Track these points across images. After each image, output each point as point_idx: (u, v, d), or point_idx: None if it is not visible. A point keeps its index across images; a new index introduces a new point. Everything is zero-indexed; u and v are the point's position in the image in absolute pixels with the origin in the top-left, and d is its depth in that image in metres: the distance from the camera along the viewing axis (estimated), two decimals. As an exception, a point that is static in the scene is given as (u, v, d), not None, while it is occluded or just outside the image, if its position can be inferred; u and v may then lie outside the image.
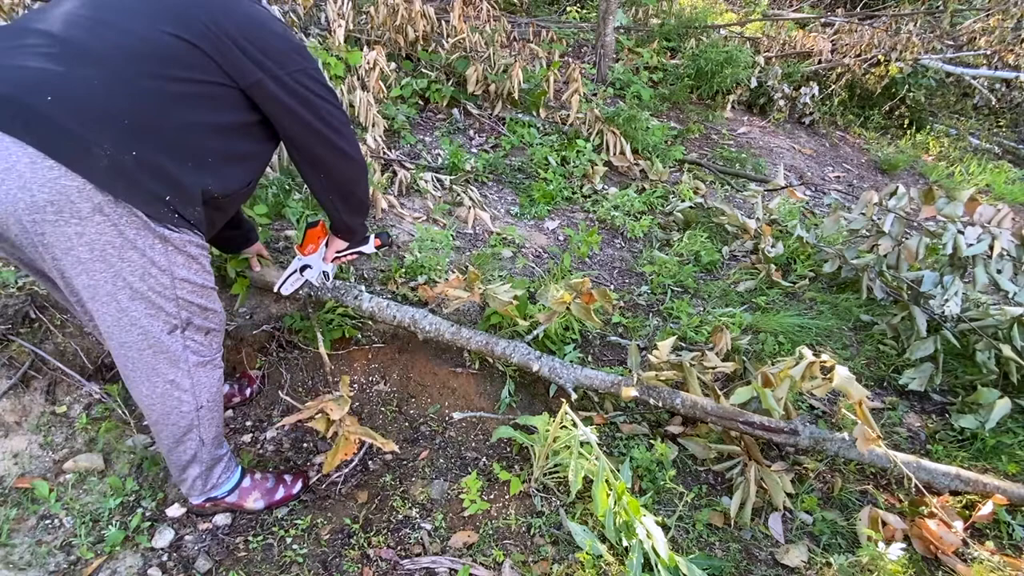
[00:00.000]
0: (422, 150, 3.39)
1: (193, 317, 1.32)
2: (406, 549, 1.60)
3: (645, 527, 1.54)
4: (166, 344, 1.29)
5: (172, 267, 1.22)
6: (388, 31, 3.71)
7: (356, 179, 1.53)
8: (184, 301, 1.28)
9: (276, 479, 1.67)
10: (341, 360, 2.14)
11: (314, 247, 1.85)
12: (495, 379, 2.15)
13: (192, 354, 1.35)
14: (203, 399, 1.41)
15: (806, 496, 1.85)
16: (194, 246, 1.25)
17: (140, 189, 1.12)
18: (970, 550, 1.71)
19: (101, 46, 1.10)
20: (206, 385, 1.40)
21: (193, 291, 1.29)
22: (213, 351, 1.41)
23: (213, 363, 1.42)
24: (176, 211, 1.18)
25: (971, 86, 5.44)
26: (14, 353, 1.81)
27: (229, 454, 1.58)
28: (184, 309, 1.29)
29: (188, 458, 1.47)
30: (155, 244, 1.17)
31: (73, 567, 1.46)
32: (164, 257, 1.20)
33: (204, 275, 1.31)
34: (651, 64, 4.83)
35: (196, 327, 1.34)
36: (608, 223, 3.21)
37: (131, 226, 1.13)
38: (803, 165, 4.41)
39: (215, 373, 1.43)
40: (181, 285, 1.25)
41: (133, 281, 1.19)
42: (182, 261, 1.23)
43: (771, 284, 2.83)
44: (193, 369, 1.36)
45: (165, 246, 1.19)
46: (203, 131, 1.21)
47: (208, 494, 1.56)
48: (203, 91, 1.19)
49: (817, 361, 1.75)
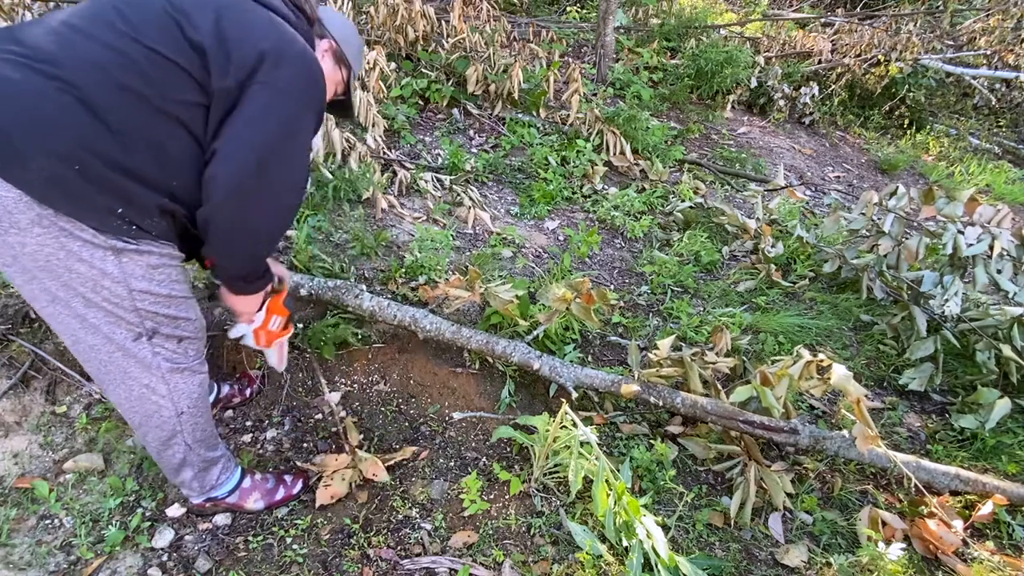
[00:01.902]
0: (422, 150, 3.39)
1: (159, 327, 1.25)
2: (406, 549, 1.60)
3: (645, 527, 1.54)
4: (133, 350, 1.24)
5: (127, 279, 1.16)
6: (388, 31, 3.71)
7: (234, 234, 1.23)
8: (146, 312, 1.21)
9: (276, 479, 1.67)
10: (341, 360, 2.14)
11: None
12: (495, 379, 2.15)
13: (164, 360, 1.29)
14: (183, 405, 1.35)
15: (806, 496, 1.85)
16: (156, 256, 1.18)
17: (85, 203, 1.07)
18: (970, 550, 1.71)
19: (66, 56, 1.05)
20: (184, 391, 1.35)
21: (156, 302, 1.22)
22: (190, 358, 1.34)
23: (190, 369, 1.35)
24: (132, 223, 1.12)
25: (971, 86, 5.44)
26: (14, 353, 1.81)
27: (226, 455, 1.57)
28: (147, 319, 1.22)
29: (178, 462, 1.45)
30: (106, 256, 1.12)
31: (73, 567, 1.46)
32: (117, 268, 1.14)
33: (170, 285, 1.23)
34: (651, 64, 4.83)
35: (165, 335, 1.27)
36: (608, 223, 3.21)
37: (75, 239, 1.08)
38: (803, 165, 4.41)
39: (194, 379, 1.36)
40: (140, 296, 1.19)
41: (84, 292, 1.14)
42: (140, 273, 1.17)
43: (771, 284, 2.83)
44: (168, 375, 1.30)
45: (118, 257, 1.13)
46: (161, 146, 1.13)
47: (208, 494, 1.56)
48: (169, 107, 1.11)
49: (815, 360, 1.76)
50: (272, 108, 1.17)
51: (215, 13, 1.15)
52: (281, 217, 1.29)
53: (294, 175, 1.25)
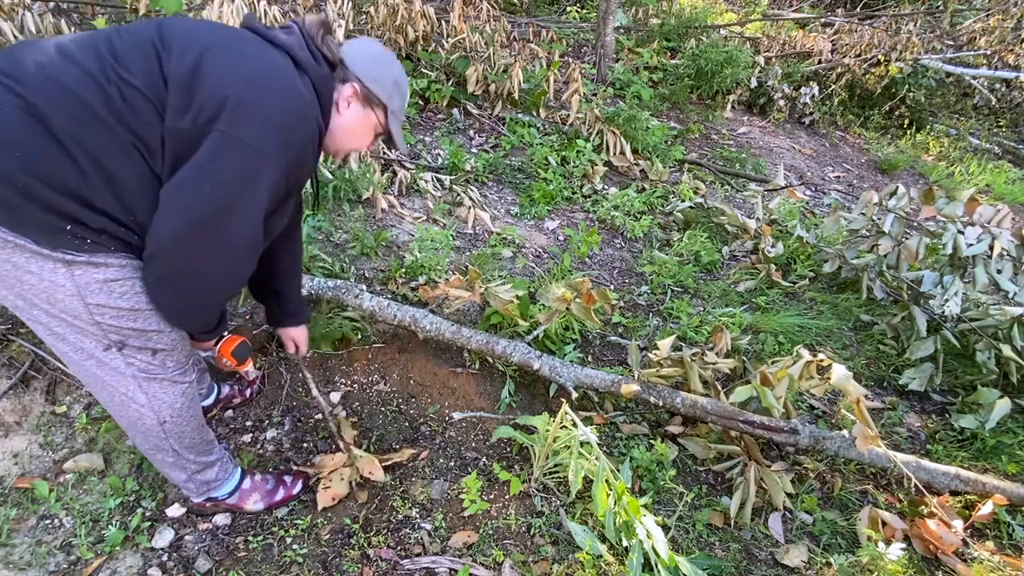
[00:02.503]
0: (422, 150, 3.39)
1: (127, 339, 1.19)
2: (406, 549, 1.60)
3: (645, 527, 1.54)
4: (105, 360, 1.20)
5: (82, 292, 1.10)
6: (388, 31, 3.71)
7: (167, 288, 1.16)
8: (108, 326, 1.16)
9: (276, 480, 1.67)
10: (341, 360, 2.14)
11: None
12: (495, 379, 2.15)
13: (138, 371, 1.24)
14: (164, 415, 1.32)
15: (806, 496, 1.85)
16: (114, 269, 1.11)
17: (29, 221, 1.03)
18: (970, 550, 1.71)
19: (41, 77, 1.02)
20: (165, 401, 1.30)
21: (119, 316, 1.15)
22: (168, 369, 1.28)
23: (169, 380, 1.29)
24: (84, 238, 1.07)
25: (971, 86, 5.44)
26: (14, 353, 1.81)
27: (224, 457, 1.57)
28: (111, 332, 1.17)
29: (169, 465, 1.45)
30: (57, 268, 1.07)
31: (73, 567, 1.46)
32: (70, 281, 1.09)
33: (134, 298, 1.15)
34: (651, 64, 4.83)
35: (136, 347, 1.21)
36: (608, 223, 3.21)
37: (21, 253, 1.05)
38: (803, 165, 4.41)
39: (175, 389, 1.31)
40: (98, 311, 1.13)
41: (41, 304, 1.11)
42: (96, 287, 1.10)
43: (771, 284, 2.83)
44: (144, 384, 1.26)
45: (70, 269, 1.08)
46: (118, 176, 1.07)
47: (207, 494, 1.56)
48: (132, 139, 1.06)
49: (815, 360, 1.76)
50: (225, 161, 1.07)
51: (201, 49, 1.09)
52: (223, 278, 1.19)
53: (244, 234, 1.13)
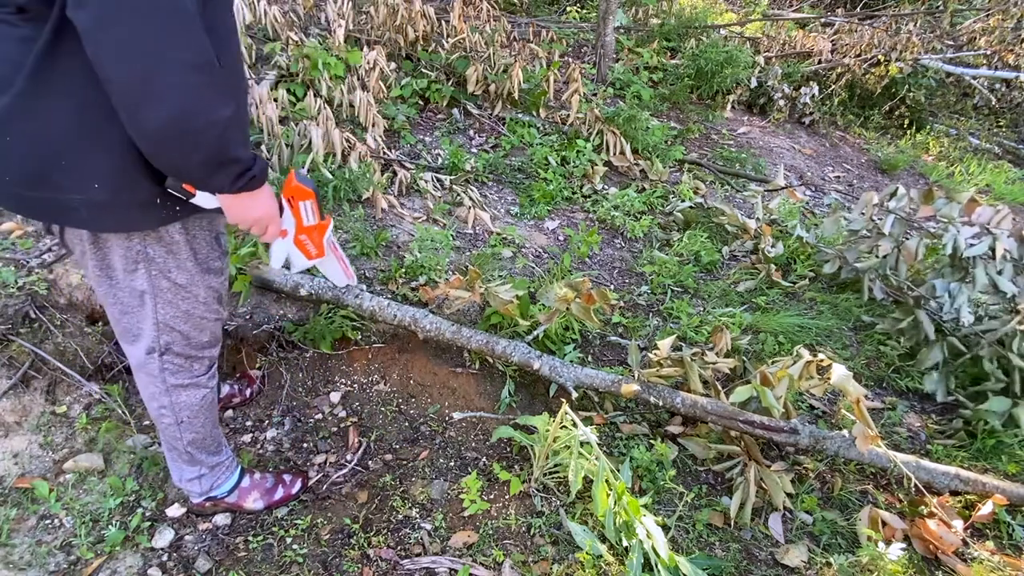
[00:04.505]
0: (422, 150, 3.39)
1: (173, 343, 1.27)
2: (406, 549, 1.60)
3: (645, 527, 1.54)
4: (144, 362, 1.29)
5: (155, 292, 1.17)
6: (388, 31, 3.71)
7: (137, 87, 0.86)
8: (164, 326, 1.23)
9: (275, 479, 1.68)
10: (341, 360, 2.14)
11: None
12: (495, 379, 2.15)
13: (170, 375, 1.32)
14: (182, 416, 1.39)
15: (806, 496, 1.85)
16: (182, 260, 1.16)
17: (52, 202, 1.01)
18: (970, 550, 1.71)
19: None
20: (185, 404, 1.37)
21: (176, 317, 1.23)
22: (195, 374, 1.36)
23: (195, 384, 1.37)
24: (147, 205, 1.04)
25: (971, 86, 5.44)
26: (14, 353, 1.80)
27: (229, 458, 1.58)
28: (164, 334, 1.24)
29: (182, 462, 1.49)
30: (137, 269, 1.13)
31: (73, 567, 1.46)
32: (147, 282, 1.16)
33: (191, 303, 1.22)
34: (651, 64, 4.82)
35: (176, 353, 1.29)
36: (608, 223, 3.21)
37: (105, 257, 1.12)
38: (803, 165, 4.41)
39: (198, 393, 1.38)
40: (164, 309, 1.21)
41: (122, 297, 1.18)
42: (167, 285, 1.18)
43: (771, 284, 2.83)
44: (173, 390, 1.34)
45: (148, 269, 1.14)
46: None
47: (207, 494, 1.56)
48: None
49: (815, 360, 1.76)
50: None
51: None
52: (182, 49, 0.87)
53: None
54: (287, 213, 1.22)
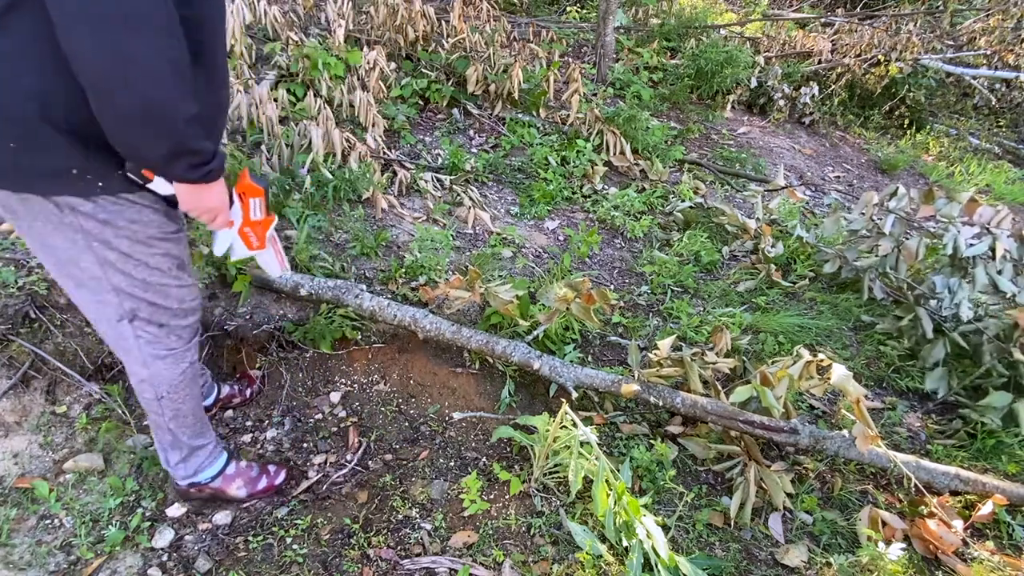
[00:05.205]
0: (422, 150, 3.39)
1: (139, 310, 1.25)
2: (406, 549, 1.60)
3: (645, 527, 1.54)
4: (119, 331, 1.27)
5: (101, 262, 1.16)
6: (388, 31, 3.71)
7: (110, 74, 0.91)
8: (125, 293, 1.21)
9: (260, 469, 1.68)
10: (341, 360, 2.14)
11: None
12: (495, 379, 2.15)
13: (145, 344, 1.30)
14: (162, 390, 1.38)
15: (806, 496, 1.85)
16: (129, 233, 1.14)
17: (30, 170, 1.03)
18: (970, 550, 1.71)
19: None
20: (165, 378, 1.36)
21: (133, 285, 1.21)
22: (171, 346, 1.34)
23: (172, 358, 1.35)
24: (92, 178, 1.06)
25: (971, 86, 5.44)
26: (14, 353, 1.80)
27: (212, 443, 1.59)
28: (127, 300, 1.23)
29: (167, 443, 1.50)
30: (76, 238, 1.12)
31: (73, 567, 1.46)
32: (90, 253, 1.14)
33: (147, 271, 1.21)
34: (651, 64, 4.82)
35: (145, 319, 1.27)
36: (608, 223, 3.21)
37: (41, 221, 1.10)
38: (803, 165, 4.41)
39: (176, 367, 1.36)
40: (117, 277, 1.19)
41: (71, 270, 1.17)
42: (114, 257, 1.16)
43: (771, 284, 2.83)
44: (150, 361, 1.32)
45: (89, 241, 1.13)
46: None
47: (191, 479, 1.57)
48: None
49: (815, 360, 1.76)
50: None
51: None
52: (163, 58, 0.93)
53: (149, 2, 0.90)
54: (236, 206, 1.30)
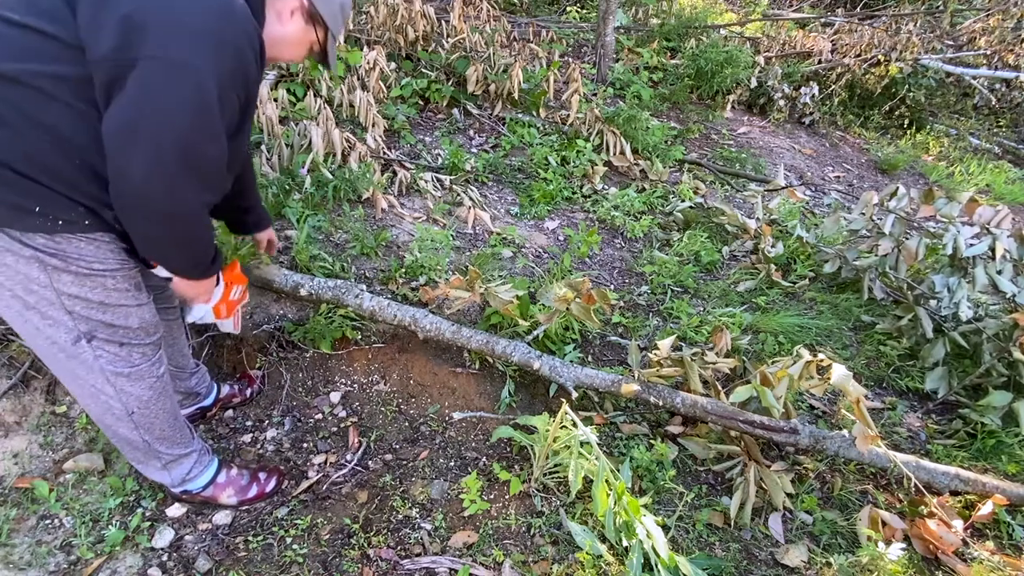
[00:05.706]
0: (422, 150, 3.39)
1: (96, 331, 1.22)
2: (406, 549, 1.60)
3: (645, 527, 1.54)
4: (75, 352, 1.23)
5: (55, 283, 1.13)
6: (388, 31, 3.71)
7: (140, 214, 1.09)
8: (80, 316, 1.18)
9: (251, 476, 1.68)
10: (341, 360, 2.14)
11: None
12: (495, 379, 2.15)
13: (106, 363, 1.26)
14: (132, 406, 1.34)
15: (806, 496, 1.85)
16: (84, 263, 1.14)
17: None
18: (970, 550, 1.71)
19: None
20: (133, 394, 1.33)
21: (89, 308, 1.18)
22: (135, 363, 1.31)
23: (137, 374, 1.31)
24: (56, 219, 1.08)
25: (971, 86, 5.44)
26: (14, 353, 1.81)
27: (200, 449, 1.58)
28: (81, 323, 1.20)
29: (142, 456, 1.47)
30: (30, 262, 1.10)
31: (73, 567, 1.46)
32: (43, 274, 1.12)
33: (104, 293, 1.19)
34: (651, 64, 4.83)
35: (104, 339, 1.24)
36: (608, 223, 3.21)
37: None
38: (803, 165, 4.41)
39: (143, 383, 1.33)
40: (71, 301, 1.16)
41: (18, 292, 1.13)
42: (68, 279, 1.14)
43: (771, 284, 2.83)
44: (112, 378, 1.28)
45: (43, 265, 1.11)
46: (55, 130, 1.04)
47: (182, 487, 1.57)
48: (45, 85, 1.01)
49: (815, 360, 1.76)
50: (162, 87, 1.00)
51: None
52: (205, 204, 1.14)
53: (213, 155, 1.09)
54: (220, 287, 1.49)
